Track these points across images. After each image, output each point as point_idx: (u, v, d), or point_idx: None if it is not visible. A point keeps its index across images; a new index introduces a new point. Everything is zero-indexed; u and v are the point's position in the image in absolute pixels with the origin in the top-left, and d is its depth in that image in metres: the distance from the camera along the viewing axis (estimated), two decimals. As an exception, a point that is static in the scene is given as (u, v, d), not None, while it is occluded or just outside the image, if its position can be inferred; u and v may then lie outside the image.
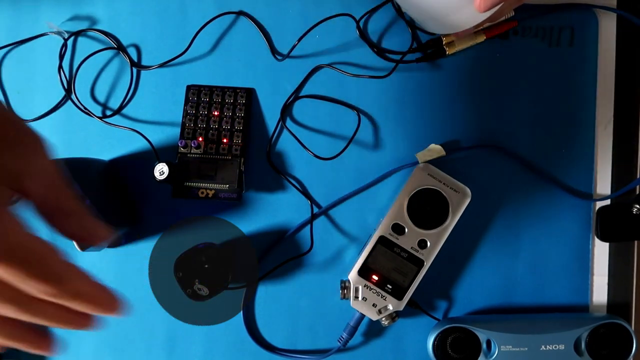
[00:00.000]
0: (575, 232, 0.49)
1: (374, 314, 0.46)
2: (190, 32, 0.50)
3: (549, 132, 0.49)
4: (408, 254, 0.46)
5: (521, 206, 0.49)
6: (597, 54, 0.50)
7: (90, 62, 0.50)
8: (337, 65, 0.50)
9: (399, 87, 0.50)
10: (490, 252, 0.49)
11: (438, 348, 0.46)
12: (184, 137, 0.48)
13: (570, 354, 0.45)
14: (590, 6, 0.50)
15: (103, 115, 0.50)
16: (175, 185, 0.47)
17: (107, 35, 0.50)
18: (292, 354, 0.49)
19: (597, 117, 0.49)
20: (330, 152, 0.49)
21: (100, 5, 0.51)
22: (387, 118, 0.50)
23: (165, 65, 0.50)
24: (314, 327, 0.49)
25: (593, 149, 0.49)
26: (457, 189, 0.46)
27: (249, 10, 0.50)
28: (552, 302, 0.49)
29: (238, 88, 0.49)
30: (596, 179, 0.49)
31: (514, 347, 0.45)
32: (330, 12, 0.49)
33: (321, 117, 0.50)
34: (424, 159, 0.48)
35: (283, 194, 0.49)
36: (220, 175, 0.47)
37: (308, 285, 0.49)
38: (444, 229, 0.46)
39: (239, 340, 0.49)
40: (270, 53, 0.50)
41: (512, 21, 0.49)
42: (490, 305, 0.49)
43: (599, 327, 0.46)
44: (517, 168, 0.49)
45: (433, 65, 0.50)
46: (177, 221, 0.49)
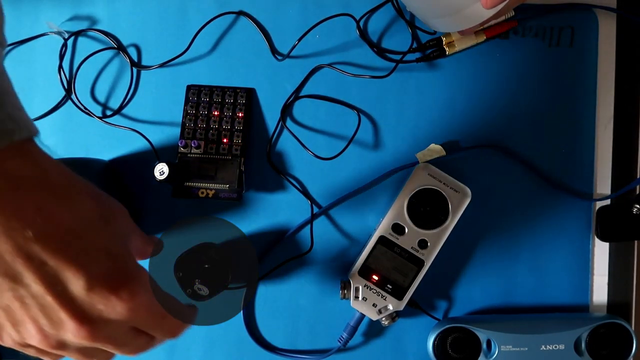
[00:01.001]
0: (575, 232, 0.49)
1: (374, 314, 0.46)
2: (190, 32, 0.50)
3: (549, 132, 0.49)
4: (408, 254, 0.46)
5: (521, 206, 0.49)
6: (597, 54, 0.50)
7: (90, 62, 0.50)
8: (337, 65, 0.50)
9: (399, 87, 0.50)
10: (490, 252, 0.49)
11: (438, 348, 0.46)
12: (184, 137, 0.48)
13: (570, 354, 0.45)
14: (590, 6, 0.50)
15: (103, 115, 0.50)
16: (175, 185, 0.47)
17: (107, 35, 0.50)
18: (292, 354, 0.49)
19: (597, 117, 0.49)
20: (330, 152, 0.49)
21: (100, 5, 0.51)
22: (387, 118, 0.50)
23: (166, 65, 0.50)
24: (314, 327, 0.49)
25: (593, 149, 0.49)
26: (457, 189, 0.46)
27: (249, 10, 0.50)
28: (552, 302, 0.49)
29: (238, 88, 0.49)
30: (596, 179, 0.49)
31: (514, 347, 0.45)
32: (330, 12, 0.49)
33: (321, 117, 0.50)
34: (424, 159, 0.48)
35: (283, 194, 0.49)
36: (220, 175, 0.47)
37: (308, 285, 0.49)
38: (444, 229, 0.46)
39: (239, 340, 0.49)
40: (270, 53, 0.50)
41: (512, 21, 0.49)
42: (490, 305, 0.49)
43: (599, 327, 0.46)
44: (517, 168, 0.49)
45: (433, 65, 0.50)
46: (177, 221, 0.49)
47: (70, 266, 0.26)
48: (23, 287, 0.26)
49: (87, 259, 0.27)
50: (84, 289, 0.26)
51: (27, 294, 0.26)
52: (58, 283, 0.26)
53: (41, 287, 0.26)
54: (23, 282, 0.25)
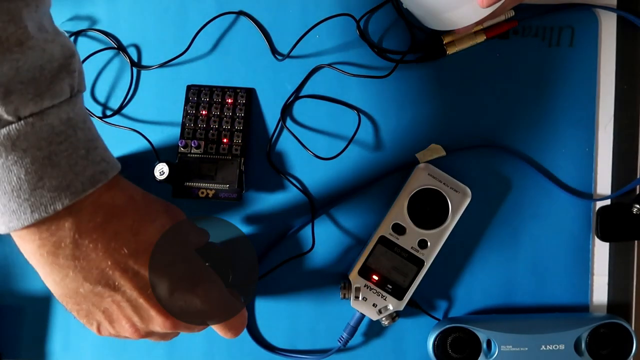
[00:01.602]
0: (575, 232, 0.49)
1: (374, 314, 0.46)
2: (190, 32, 0.50)
3: (549, 132, 0.49)
4: (408, 254, 0.46)
5: (521, 206, 0.49)
6: (597, 54, 0.50)
7: (90, 62, 0.50)
8: (337, 65, 0.50)
9: (399, 87, 0.50)
10: (490, 252, 0.49)
11: (438, 348, 0.46)
12: (184, 137, 0.48)
13: (571, 354, 0.45)
14: (590, 6, 0.50)
15: (103, 115, 0.50)
16: (175, 185, 0.47)
17: (107, 35, 0.50)
18: (292, 354, 0.49)
19: (597, 117, 0.49)
20: (330, 152, 0.49)
21: (100, 5, 0.51)
22: (387, 118, 0.50)
23: (166, 65, 0.50)
24: (314, 327, 0.49)
25: (593, 149, 0.49)
26: (457, 189, 0.46)
27: (249, 10, 0.50)
28: (552, 302, 0.49)
29: (238, 88, 0.49)
30: (596, 179, 0.49)
31: (514, 347, 0.45)
32: (330, 12, 0.49)
33: (321, 117, 0.50)
34: (424, 159, 0.48)
35: (283, 194, 0.49)
36: (220, 175, 0.47)
37: (308, 285, 0.49)
38: (444, 229, 0.46)
39: (239, 340, 0.49)
40: (270, 53, 0.50)
41: (512, 21, 0.49)
42: (490, 305, 0.49)
43: (599, 327, 0.46)
44: (517, 168, 0.49)
45: (433, 65, 0.50)
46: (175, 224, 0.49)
47: (156, 274, 0.32)
48: (120, 293, 0.32)
49: (168, 266, 0.33)
50: (168, 291, 0.32)
51: (123, 298, 0.32)
52: (148, 288, 0.32)
53: (134, 292, 0.32)
54: (120, 289, 0.32)
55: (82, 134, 0.31)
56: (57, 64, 0.30)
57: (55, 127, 0.29)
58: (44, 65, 0.29)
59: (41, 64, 0.29)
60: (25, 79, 0.28)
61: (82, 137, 0.30)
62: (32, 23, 0.29)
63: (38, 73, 0.28)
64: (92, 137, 0.32)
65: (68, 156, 0.29)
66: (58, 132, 0.29)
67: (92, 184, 0.30)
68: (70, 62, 0.31)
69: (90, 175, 0.30)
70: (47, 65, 0.29)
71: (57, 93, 0.29)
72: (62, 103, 0.30)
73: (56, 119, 0.29)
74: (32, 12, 0.29)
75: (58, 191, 0.29)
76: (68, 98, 0.30)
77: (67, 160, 0.29)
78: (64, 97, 0.30)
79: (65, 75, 0.30)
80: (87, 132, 0.31)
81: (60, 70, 0.30)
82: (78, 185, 0.30)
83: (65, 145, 0.29)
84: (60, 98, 0.29)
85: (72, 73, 0.30)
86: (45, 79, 0.29)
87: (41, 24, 0.30)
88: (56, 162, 0.29)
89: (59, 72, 0.30)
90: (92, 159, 0.31)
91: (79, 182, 0.30)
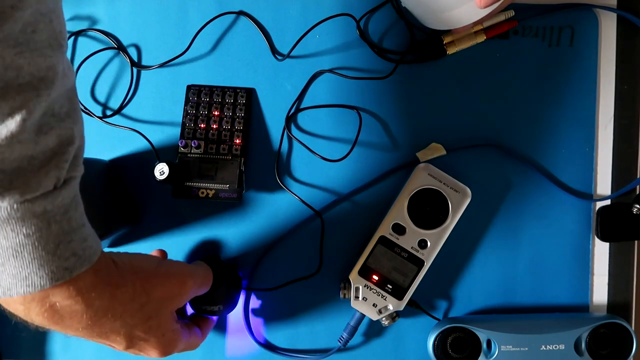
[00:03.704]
0: (575, 232, 0.49)
1: (374, 314, 0.46)
2: (191, 32, 0.50)
3: (549, 131, 0.49)
4: (408, 254, 0.46)
5: (521, 206, 0.49)
6: (597, 54, 0.50)
7: (90, 62, 0.50)
8: (337, 65, 0.50)
9: (399, 87, 0.50)
10: (490, 252, 0.49)
11: (438, 348, 0.46)
12: (184, 137, 0.48)
13: (571, 354, 0.45)
14: (590, 6, 0.50)
15: (103, 115, 0.50)
16: (175, 185, 0.47)
17: (107, 35, 0.50)
18: (292, 354, 0.49)
19: (597, 117, 0.49)
20: (331, 152, 0.49)
21: (101, 5, 0.51)
22: (388, 118, 0.50)
23: (166, 65, 0.50)
24: (314, 327, 0.49)
25: (593, 149, 0.49)
26: (457, 189, 0.46)
27: (249, 10, 0.50)
28: (552, 302, 0.49)
29: (238, 88, 0.49)
30: (596, 179, 0.49)
31: (514, 347, 0.45)
32: (330, 12, 0.49)
33: (322, 122, 0.50)
34: (425, 158, 0.48)
35: (283, 194, 0.49)
36: (221, 175, 0.47)
37: (308, 285, 0.49)
38: (444, 229, 0.46)
39: (239, 340, 0.49)
40: (270, 53, 0.50)
41: (512, 21, 0.49)
42: (490, 305, 0.49)
43: (599, 327, 0.46)
44: (517, 168, 0.49)
45: (433, 65, 0.50)
46: (177, 221, 0.49)
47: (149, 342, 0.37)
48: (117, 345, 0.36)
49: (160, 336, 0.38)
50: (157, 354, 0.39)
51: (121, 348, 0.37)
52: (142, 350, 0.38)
53: (131, 351, 0.37)
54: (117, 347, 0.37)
55: (57, 227, 0.30)
56: (50, 153, 0.29)
57: (26, 220, 0.28)
58: (35, 155, 0.28)
59: (32, 154, 0.28)
60: (9, 168, 0.27)
61: (55, 230, 0.29)
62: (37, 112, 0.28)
63: (26, 162, 0.28)
64: (69, 229, 0.30)
65: (33, 250, 0.29)
66: (28, 224, 0.28)
67: (52, 280, 0.30)
68: (66, 151, 0.30)
69: (51, 271, 0.29)
70: (39, 155, 0.29)
71: (33, 187, 0.28)
72: (38, 197, 0.28)
73: (28, 212, 0.28)
74: (42, 102, 0.28)
75: (15, 280, 0.29)
76: (49, 191, 0.29)
77: (29, 255, 0.29)
78: (41, 191, 0.29)
79: (54, 166, 0.29)
80: (65, 224, 0.30)
81: (51, 159, 0.29)
82: (35, 280, 0.29)
83: (32, 238, 0.29)
84: (36, 192, 0.28)
85: (62, 163, 0.30)
86: (33, 168, 0.28)
87: (51, 108, 0.29)
88: (19, 252, 0.29)
89: (48, 162, 0.29)
90: (61, 254, 0.30)
91: (37, 276, 0.29)
